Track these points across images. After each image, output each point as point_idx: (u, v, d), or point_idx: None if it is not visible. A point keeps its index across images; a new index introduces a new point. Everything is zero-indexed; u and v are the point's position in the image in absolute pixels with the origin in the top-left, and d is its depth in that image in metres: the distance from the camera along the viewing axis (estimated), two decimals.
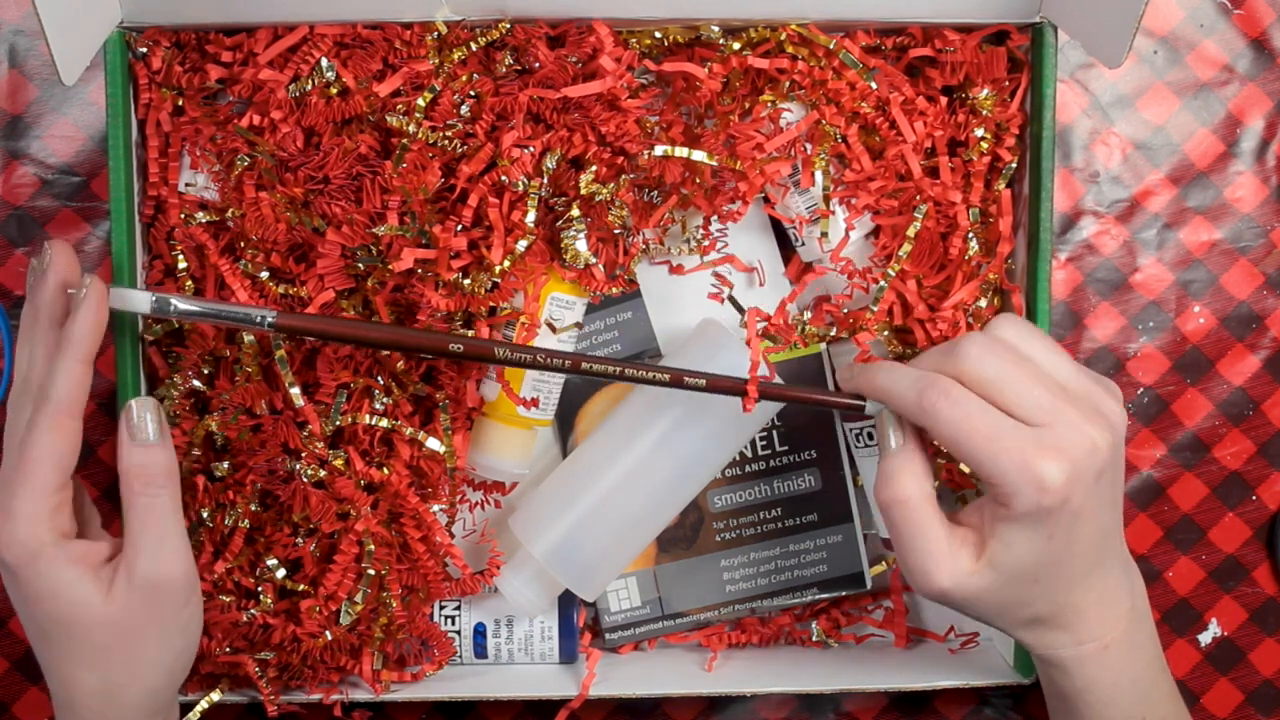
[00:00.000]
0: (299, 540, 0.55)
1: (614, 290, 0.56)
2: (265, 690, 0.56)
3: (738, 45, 0.56)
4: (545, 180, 0.53)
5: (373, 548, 0.54)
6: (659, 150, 0.54)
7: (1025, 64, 0.56)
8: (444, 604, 0.60)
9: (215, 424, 0.54)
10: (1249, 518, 0.64)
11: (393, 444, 0.55)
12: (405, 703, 0.62)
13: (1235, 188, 0.63)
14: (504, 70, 0.54)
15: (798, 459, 0.60)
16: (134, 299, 0.49)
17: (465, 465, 0.57)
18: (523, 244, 0.53)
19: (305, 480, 0.54)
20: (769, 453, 0.60)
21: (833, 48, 0.55)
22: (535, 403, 0.56)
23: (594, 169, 0.53)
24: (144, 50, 0.54)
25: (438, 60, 0.54)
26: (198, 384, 0.55)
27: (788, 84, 0.55)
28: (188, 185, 0.55)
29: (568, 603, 0.60)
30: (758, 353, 0.53)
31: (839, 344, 0.59)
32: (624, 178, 0.54)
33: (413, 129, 0.53)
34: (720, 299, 0.60)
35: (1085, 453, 0.46)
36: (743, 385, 0.52)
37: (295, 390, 0.53)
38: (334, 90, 0.54)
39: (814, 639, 0.62)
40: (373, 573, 0.55)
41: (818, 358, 0.60)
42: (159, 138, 0.55)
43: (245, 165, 0.54)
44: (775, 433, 0.60)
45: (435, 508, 0.56)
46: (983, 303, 0.56)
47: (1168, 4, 0.62)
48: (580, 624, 0.61)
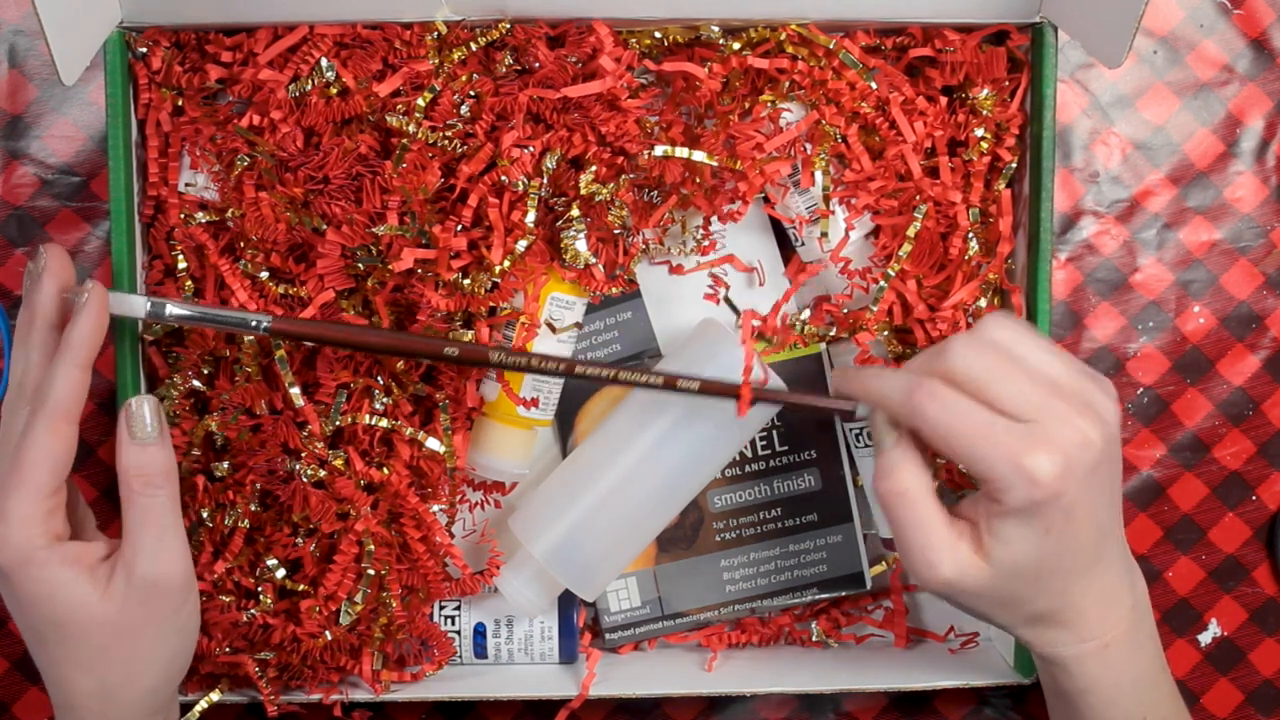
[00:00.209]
0: (299, 540, 0.55)
1: (614, 290, 0.56)
2: (265, 690, 0.56)
3: (738, 45, 0.56)
4: (545, 180, 0.53)
5: (373, 548, 0.54)
6: (659, 150, 0.54)
7: (1025, 64, 0.56)
8: (444, 604, 0.60)
9: (215, 424, 0.54)
10: (1249, 518, 0.64)
11: (392, 444, 0.55)
12: (405, 703, 0.62)
13: (1235, 188, 0.63)
14: (504, 70, 0.54)
15: (798, 459, 0.60)
16: (129, 304, 0.49)
17: (465, 465, 0.57)
18: (523, 244, 0.53)
19: (305, 480, 0.54)
20: (769, 453, 0.60)
21: (833, 48, 0.55)
22: (535, 403, 0.56)
23: (594, 169, 0.53)
24: (144, 50, 0.54)
25: (438, 60, 0.54)
26: (197, 384, 0.55)
27: (788, 84, 0.55)
28: (188, 185, 0.55)
29: (568, 603, 0.60)
30: (751, 356, 0.53)
31: (839, 344, 0.59)
32: (624, 178, 0.54)
33: (413, 129, 0.53)
34: (716, 300, 0.60)
35: (1077, 446, 0.45)
36: (736, 389, 0.52)
37: (295, 390, 0.53)
38: (334, 90, 0.54)
39: (814, 639, 0.62)
40: (372, 573, 0.55)
41: (817, 358, 0.60)
42: (159, 138, 0.55)
43: (245, 165, 0.54)
44: (775, 433, 0.60)
45: (435, 508, 0.56)
46: (983, 303, 0.56)
47: (1168, 4, 0.62)
48: (580, 624, 0.61)
